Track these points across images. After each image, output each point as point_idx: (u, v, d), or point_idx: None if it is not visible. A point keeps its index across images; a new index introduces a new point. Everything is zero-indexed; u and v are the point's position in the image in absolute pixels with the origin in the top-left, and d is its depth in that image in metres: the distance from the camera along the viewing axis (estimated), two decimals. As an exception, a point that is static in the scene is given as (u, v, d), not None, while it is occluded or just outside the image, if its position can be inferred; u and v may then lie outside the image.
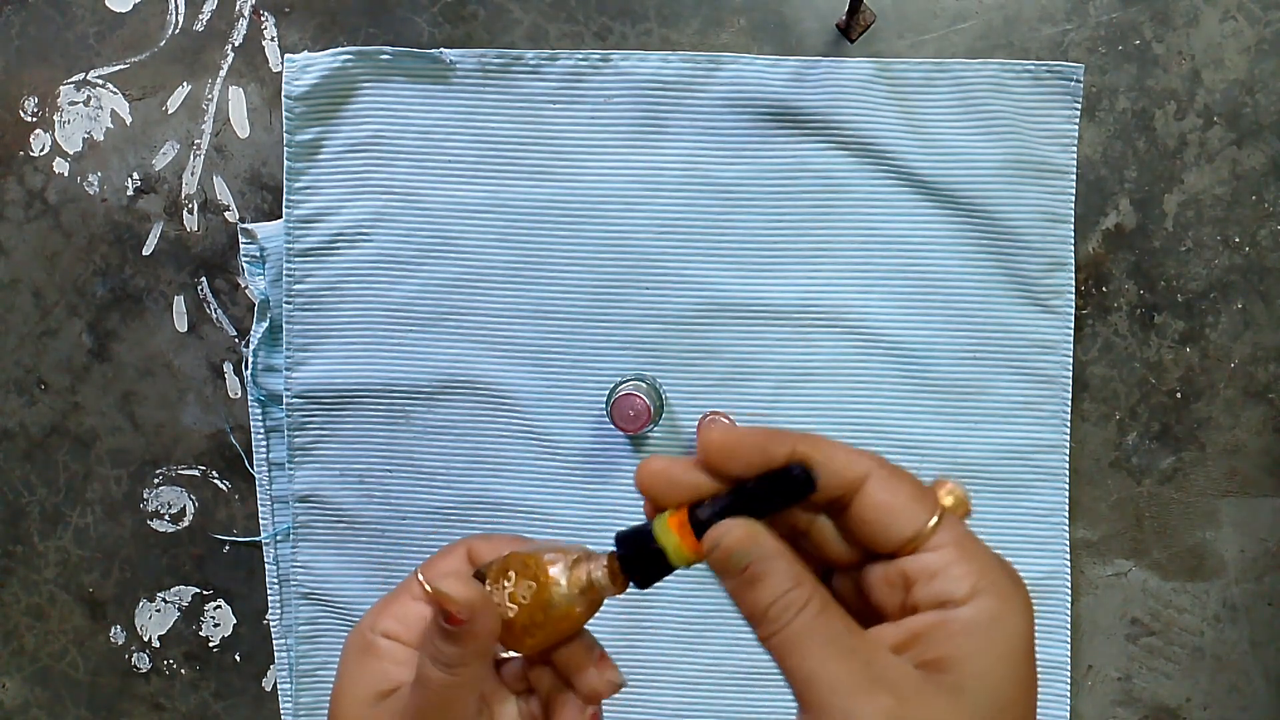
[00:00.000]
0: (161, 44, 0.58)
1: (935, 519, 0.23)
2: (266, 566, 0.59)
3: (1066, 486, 0.55)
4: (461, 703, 0.27)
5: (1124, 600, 0.57)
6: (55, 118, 0.58)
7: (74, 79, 0.58)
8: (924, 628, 0.22)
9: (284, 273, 0.57)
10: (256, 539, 0.59)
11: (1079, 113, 0.54)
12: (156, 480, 0.59)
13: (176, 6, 0.57)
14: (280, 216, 0.57)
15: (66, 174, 0.58)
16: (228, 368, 0.59)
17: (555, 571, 0.27)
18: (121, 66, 0.58)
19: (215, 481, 0.59)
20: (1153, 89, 0.55)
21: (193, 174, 0.58)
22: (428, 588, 0.29)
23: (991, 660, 0.22)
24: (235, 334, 0.59)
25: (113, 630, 0.60)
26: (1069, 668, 0.56)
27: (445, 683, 0.26)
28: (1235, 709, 0.56)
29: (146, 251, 0.59)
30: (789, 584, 0.23)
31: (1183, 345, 0.56)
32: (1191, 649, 0.57)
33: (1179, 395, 0.56)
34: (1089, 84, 0.54)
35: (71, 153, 0.58)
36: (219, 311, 0.59)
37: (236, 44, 0.58)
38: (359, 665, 0.28)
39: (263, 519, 0.59)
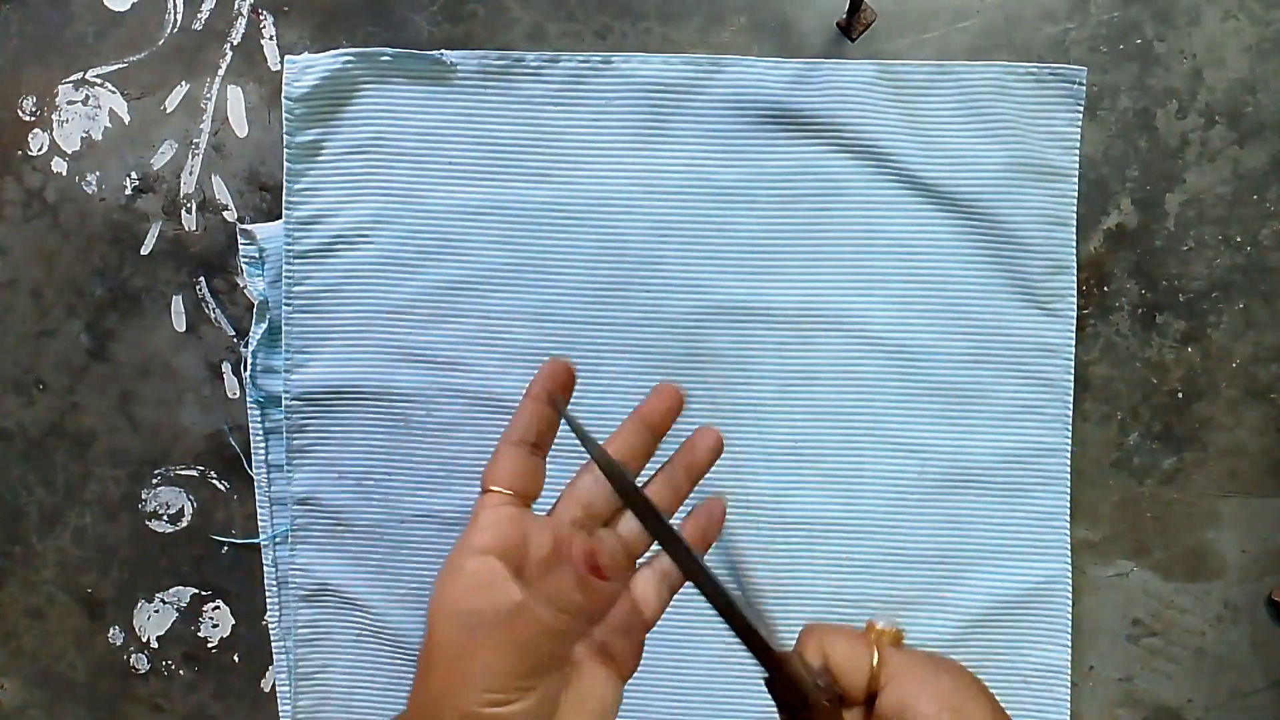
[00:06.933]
0: (160, 43, 0.58)
1: (875, 656, 0.29)
2: (265, 569, 0.59)
3: (1068, 490, 0.55)
4: (562, 645, 0.28)
5: (1125, 601, 0.56)
6: (54, 117, 0.58)
7: (72, 78, 0.58)
8: None
9: (283, 274, 0.56)
10: (255, 540, 0.59)
11: (1081, 116, 0.54)
12: (155, 480, 0.59)
13: (175, 5, 0.57)
14: (279, 216, 0.57)
15: (65, 173, 0.58)
16: (226, 368, 0.59)
17: None
18: (120, 66, 0.58)
19: (214, 482, 0.59)
20: (1154, 88, 0.55)
21: (191, 173, 0.58)
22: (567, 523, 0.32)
23: None
24: (234, 334, 0.59)
25: (111, 631, 0.60)
26: (1069, 671, 0.55)
27: (558, 625, 0.27)
28: (1237, 710, 0.56)
29: (145, 251, 0.58)
30: None
31: (1184, 345, 0.56)
32: (1193, 650, 0.56)
33: (1180, 395, 0.56)
34: (1090, 83, 0.54)
35: (70, 152, 0.58)
36: (218, 311, 0.59)
37: (235, 43, 0.57)
38: (451, 584, 0.30)
39: (261, 521, 0.59)
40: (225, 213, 0.58)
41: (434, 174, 0.56)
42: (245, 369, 0.58)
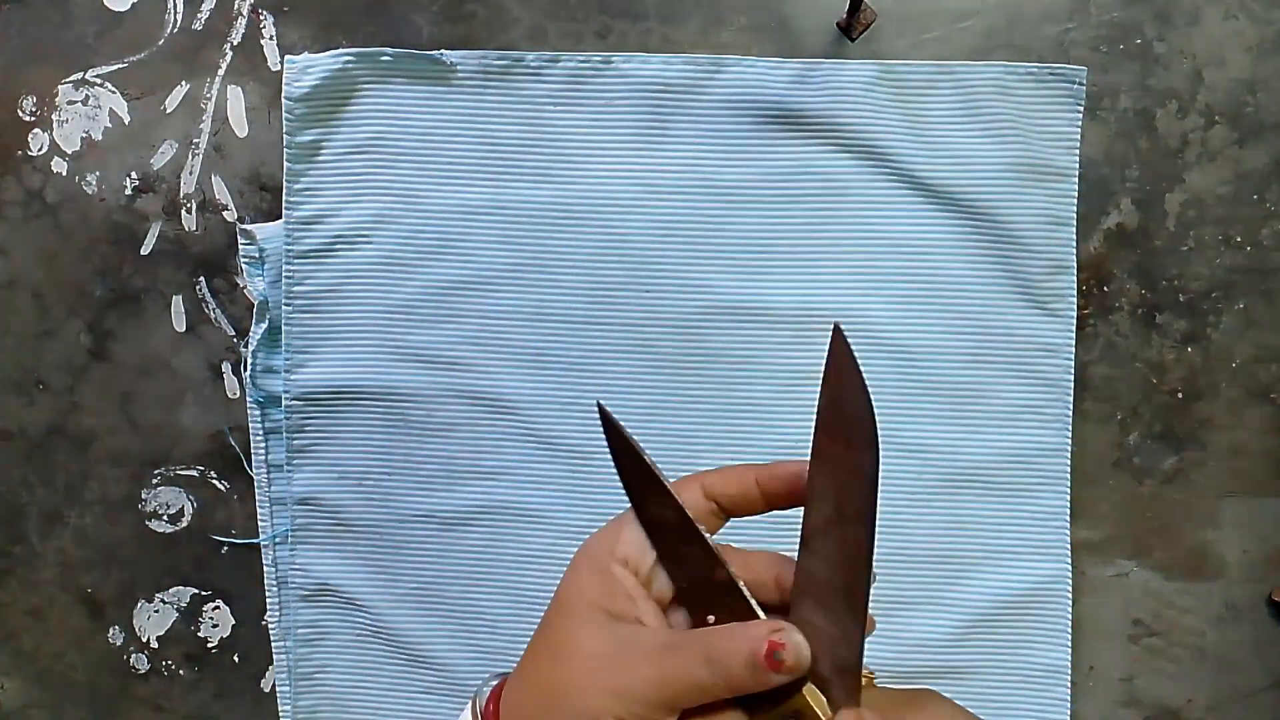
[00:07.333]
0: (160, 43, 0.58)
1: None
2: (265, 569, 0.59)
3: (1068, 490, 0.55)
4: (704, 700, 0.27)
5: (1126, 601, 0.56)
6: (54, 117, 0.58)
7: (72, 78, 0.58)
8: None
9: (283, 274, 0.56)
10: (255, 540, 0.59)
11: (1081, 115, 0.54)
12: (155, 481, 0.59)
13: (175, 5, 0.57)
14: (279, 216, 0.57)
15: (65, 173, 0.58)
16: (226, 368, 0.59)
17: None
18: (120, 65, 0.58)
19: (214, 482, 0.59)
20: (1154, 88, 0.55)
21: (191, 173, 0.58)
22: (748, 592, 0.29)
23: None
24: (234, 334, 0.59)
25: (111, 631, 0.60)
26: (1069, 672, 0.55)
27: (709, 688, 0.26)
28: (1238, 710, 0.56)
29: (145, 251, 0.58)
30: None
31: (1185, 345, 0.56)
32: (1194, 650, 0.56)
33: (1181, 395, 0.56)
34: (1090, 83, 0.54)
35: (70, 152, 0.58)
36: (218, 311, 0.59)
37: (235, 43, 0.57)
38: (592, 580, 0.29)
39: (261, 521, 0.59)
40: (225, 213, 0.58)
41: (434, 174, 0.56)
42: (245, 369, 0.58)
